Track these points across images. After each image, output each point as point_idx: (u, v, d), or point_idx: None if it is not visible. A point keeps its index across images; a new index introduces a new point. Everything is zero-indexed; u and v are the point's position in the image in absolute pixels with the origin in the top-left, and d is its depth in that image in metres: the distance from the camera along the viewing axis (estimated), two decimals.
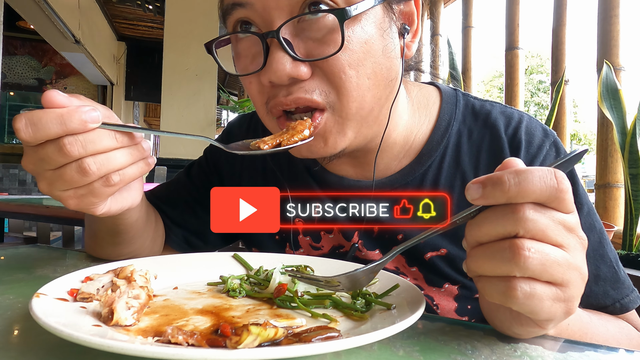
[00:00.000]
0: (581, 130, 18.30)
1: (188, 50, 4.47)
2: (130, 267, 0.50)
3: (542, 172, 0.37)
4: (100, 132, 0.49)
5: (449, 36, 3.47)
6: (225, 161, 0.87)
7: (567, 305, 0.39)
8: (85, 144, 0.47)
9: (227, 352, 0.32)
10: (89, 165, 0.48)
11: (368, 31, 0.56)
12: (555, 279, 0.37)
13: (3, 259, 0.79)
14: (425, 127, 0.72)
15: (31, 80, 7.77)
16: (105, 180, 0.50)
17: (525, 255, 0.36)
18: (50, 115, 0.46)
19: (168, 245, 0.86)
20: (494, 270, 0.38)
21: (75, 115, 0.46)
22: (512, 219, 0.37)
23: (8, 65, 7.53)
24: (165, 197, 0.87)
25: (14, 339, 0.43)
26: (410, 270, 0.71)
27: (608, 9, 2.25)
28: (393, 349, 0.42)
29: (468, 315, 0.69)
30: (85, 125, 0.47)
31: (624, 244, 1.97)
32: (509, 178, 0.37)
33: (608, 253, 0.66)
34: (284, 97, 0.57)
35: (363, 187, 0.72)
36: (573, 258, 0.38)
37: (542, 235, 0.37)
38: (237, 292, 0.55)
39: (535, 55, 19.82)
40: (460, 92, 0.76)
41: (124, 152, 0.51)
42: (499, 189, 0.37)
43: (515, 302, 0.38)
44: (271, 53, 0.54)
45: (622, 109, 2.01)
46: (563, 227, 0.38)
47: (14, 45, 7.54)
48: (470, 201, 0.39)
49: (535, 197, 0.37)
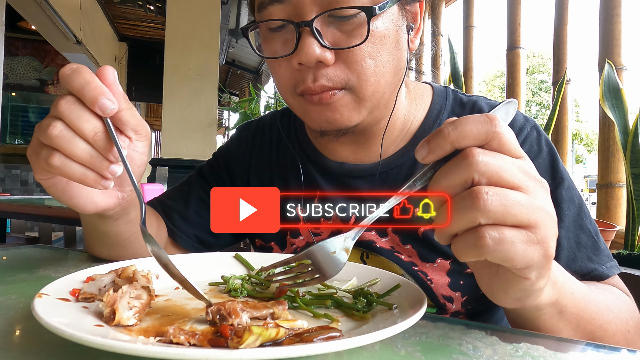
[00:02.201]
0: (583, 130, 18.28)
1: (189, 51, 4.47)
2: (132, 267, 0.51)
3: (475, 116, 0.40)
4: (91, 117, 0.50)
5: (450, 36, 3.48)
6: (236, 158, 0.93)
7: (542, 247, 0.39)
8: (74, 110, 0.50)
9: (228, 352, 0.32)
10: (55, 126, 0.49)
11: (387, 27, 0.64)
12: (520, 220, 0.38)
13: (5, 259, 0.79)
14: (420, 114, 0.80)
15: (33, 80, 7.79)
16: (49, 153, 0.50)
17: (484, 198, 0.37)
18: (89, 76, 0.50)
19: (180, 245, 0.88)
20: (459, 223, 0.39)
21: (96, 90, 0.49)
22: (464, 164, 0.38)
23: (10, 66, 7.55)
24: (179, 197, 0.91)
25: (16, 339, 0.43)
26: (404, 248, 0.74)
27: (610, 8, 2.24)
28: (394, 348, 0.42)
29: (461, 291, 0.72)
30: (92, 103, 0.50)
31: (626, 244, 1.96)
32: (446, 127, 0.40)
33: (587, 225, 0.70)
34: (311, 83, 0.64)
35: (362, 169, 0.78)
36: (535, 199, 0.39)
37: (497, 178, 0.38)
38: (239, 292, 0.55)
39: (536, 54, 19.81)
40: (450, 88, 0.84)
41: (87, 149, 0.51)
42: (440, 137, 0.40)
43: (487, 250, 0.38)
44: (302, 39, 0.61)
45: (624, 109, 2.01)
46: (517, 169, 0.39)
47: (16, 45, 7.56)
48: (421, 161, 0.41)
49: (474, 136, 0.39)
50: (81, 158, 0.51)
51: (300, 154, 0.85)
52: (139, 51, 7.77)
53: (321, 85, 0.63)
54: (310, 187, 0.81)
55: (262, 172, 0.89)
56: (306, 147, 0.85)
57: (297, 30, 0.61)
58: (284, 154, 0.88)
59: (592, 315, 0.54)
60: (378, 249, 0.75)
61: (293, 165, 0.85)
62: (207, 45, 4.49)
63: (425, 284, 0.72)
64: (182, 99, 4.49)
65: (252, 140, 0.93)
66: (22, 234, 3.57)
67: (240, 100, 5.26)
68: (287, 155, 0.87)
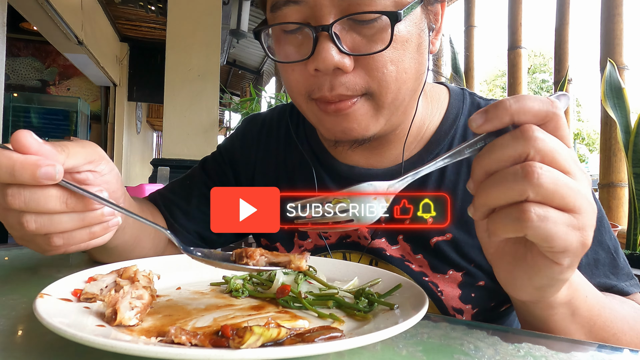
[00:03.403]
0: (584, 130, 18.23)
1: (190, 51, 4.47)
2: (134, 268, 0.51)
3: (536, 96, 0.40)
4: (50, 192, 0.45)
5: (451, 35, 3.47)
6: (241, 153, 0.90)
7: (582, 234, 0.39)
8: (28, 200, 0.45)
9: (230, 352, 0.32)
10: (27, 222, 0.46)
11: (410, 30, 0.60)
12: (567, 203, 0.38)
13: (7, 260, 0.80)
14: (436, 118, 0.76)
15: (35, 81, 7.80)
16: (47, 239, 0.48)
17: (539, 172, 0.37)
18: (5, 160, 0.43)
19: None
20: (507, 194, 0.38)
21: (28, 168, 0.43)
22: (522, 138, 0.38)
23: (11, 67, 7.56)
24: (181, 191, 0.88)
25: (18, 339, 0.43)
26: (415, 258, 0.72)
27: (611, 7, 2.24)
28: (396, 348, 0.42)
29: (471, 304, 0.70)
30: (36, 180, 0.43)
31: (628, 244, 1.96)
32: (508, 99, 0.40)
33: (607, 240, 0.67)
34: (328, 92, 0.60)
35: (374, 175, 0.75)
36: (582, 186, 0.39)
37: (551, 158, 0.38)
38: (240, 292, 0.55)
39: (538, 54, 19.76)
40: (467, 91, 0.80)
41: (73, 217, 0.48)
42: (501, 108, 0.39)
43: (530, 226, 0.38)
44: (320, 43, 0.57)
45: (626, 108, 2.00)
46: (569, 155, 0.39)
47: (17, 46, 7.57)
48: (475, 130, 0.41)
49: (534, 114, 0.39)
50: (75, 226, 0.48)
51: (310, 154, 0.82)
52: (140, 52, 7.77)
53: (339, 94, 0.60)
54: (318, 189, 0.79)
55: (267, 170, 0.86)
56: (316, 147, 0.82)
57: (314, 34, 0.57)
58: (292, 153, 0.84)
59: (605, 322, 0.53)
60: (388, 257, 0.73)
61: (301, 166, 0.82)
62: (208, 46, 4.49)
63: (435, 296, 0.70)
64: (183, 100, 4.49)
65: (258, 135, 0.90)
66: None
67: (241, 100, 5.26)
68: (295, 154, 0.84)
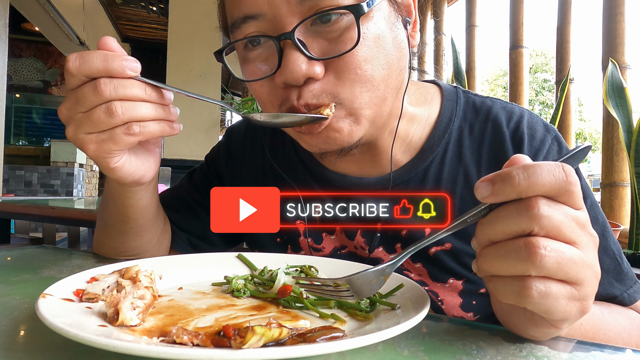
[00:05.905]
0: (586, 129, 18.19)
1: (192, 51, 4.48)
2: (135, 268, 0.51)
3: (550, 166, 0.36)
4: (133, 82, 0.53)
5: (452, 35, 3.47)
6: (225, 165, 0.88)
7: (582, 304, 0.39)
8: (118, 87, 0.52)
9: (231, 352, 0.32)
10: (116, 107, 0.52)
11: (380, 25, 0.58)
12: (570, 277, 0.37)
13: (9, 260, 0.80)
14: (427, 122, 0.72)
15: (37, 82, 7.82)
16: (127, 127, 0.53)
17: (542, 254, 0.35)
18: (98, 53, 0.52)
19: (173, 248, 0.87)
20: (509, 269, 0.37)
21: (117, 59, 0.51)
22: (527, 215, 0.36)
23: (14, 68, 7.58)
24: (169, 202, 0.88)
25: (20, 339, 0.43)
26: (414, 267, 0.70)
27: (613, 6, 2.23)
28: (398, 349, 0.42)
29: (473, 311, 0.69)
30: (124, 70, 0.52)
31: (630, 243, 1.95)
32: (517, 173, 0.36)
33: (611, 245, 0.67)
34: (295, 101, 0.57)
35: (365, 184, 0.72)
36: (587, 256, 0.38)
37: (556, 232, 0.36)
38: (242, 292, 0.55)
39: (539, 53, 19.72)
40: (460, 89, 0.76)
41: (151, 106, 0.55)
42: (509, 184, 0.37)
43: (531, 302, 0.37)
44: (286, 55, 0.55)
45: (628, 107, 2.00)
46: (576, 223, 0.37)
47: (20, 47, 7.59)
48: (480, 200, 0.39)
49: (545, 191, 0.36)
50: (151, 116, 0.54)
51: (298, 163, 0.78)
52: (142, 52, 7.79)
53: (305, 103, 0.57)
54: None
55: (255, 181, 0.83)
56: (304, 155, 0.78)
57: (278, 44, 0.55)
58: (279, 161, 0.81)
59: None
60: None
61: (289, 175, 0.78)
62: (210, 46, 4.50)
63: (435, 305, 0.69)
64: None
65: (242, 145, 0.87)
66: (26, 234, 3.58)
67: (243, 100, 5.27)
68: (282, 162, 0.80)
